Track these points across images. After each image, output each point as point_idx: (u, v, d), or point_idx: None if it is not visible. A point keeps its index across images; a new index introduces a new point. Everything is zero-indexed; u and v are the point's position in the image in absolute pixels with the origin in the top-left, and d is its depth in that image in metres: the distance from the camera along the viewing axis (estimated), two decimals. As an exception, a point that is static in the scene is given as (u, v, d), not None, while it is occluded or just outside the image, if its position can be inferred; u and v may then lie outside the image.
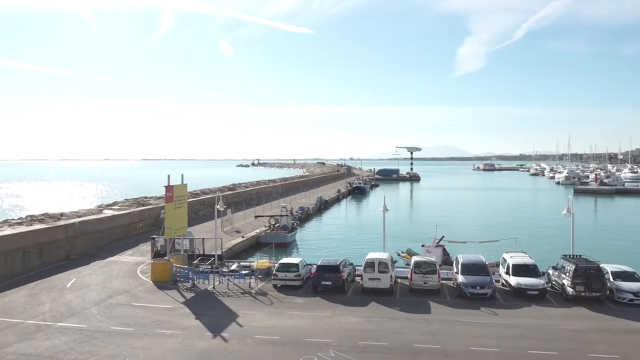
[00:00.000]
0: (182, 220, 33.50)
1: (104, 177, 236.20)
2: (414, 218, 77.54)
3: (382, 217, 34.15)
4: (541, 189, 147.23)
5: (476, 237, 47.01)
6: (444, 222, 63.04)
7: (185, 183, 34.48)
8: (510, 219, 73.21)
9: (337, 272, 28.47)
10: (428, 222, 64.67)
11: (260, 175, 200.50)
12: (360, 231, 60.59)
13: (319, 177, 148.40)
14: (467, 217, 76.68)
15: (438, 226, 39.01)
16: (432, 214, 78.52)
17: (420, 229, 59.47)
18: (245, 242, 46.87)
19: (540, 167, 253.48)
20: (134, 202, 60.82)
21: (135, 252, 39.73)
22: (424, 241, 38.82)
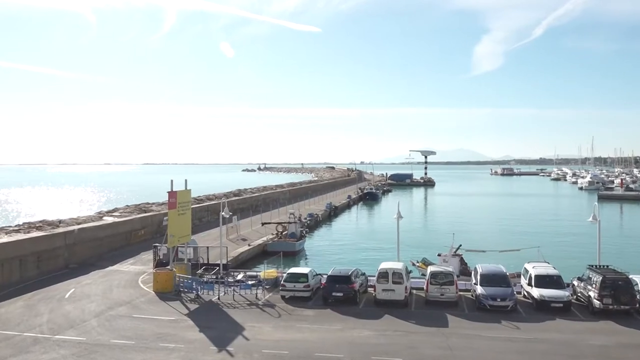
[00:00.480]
0: (185, 228, 33.50)
1: (104, 182, 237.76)
2: (429, 225, 77.16)
3: (395, 224, 33.97)
4: (563, 194, 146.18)
5: (495, 245, 46.64)
6: (461, 229, 62.68)
7: (189, 189, 34.50)
8: (532, 226, 72.65)
9: (349, 282, 28.30)
10: (444, 230, 64.29)
11: (266, 180, 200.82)
12: (372, 239, 60.37)
13: (328, 182, 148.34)
14: (486, 224, 76.19)
15: (455, 234, 38.72)
16: (448, 221, 78.12)
17: (436, 237, 59.13)
18: (252, 250, 46.81)
19: (562, 171, 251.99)
20: (136, 209, 61.05)
21: (136, 261, 39.78)
22: (440, 250, 38.57)
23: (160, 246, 35.91)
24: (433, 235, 62.84)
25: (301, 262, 46.93)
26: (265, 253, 47.43)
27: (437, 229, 70.32)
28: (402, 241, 34.27)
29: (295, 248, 49.47)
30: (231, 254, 41.71)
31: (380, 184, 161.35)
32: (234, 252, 43.65)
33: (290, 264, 42.04)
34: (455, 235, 38.44)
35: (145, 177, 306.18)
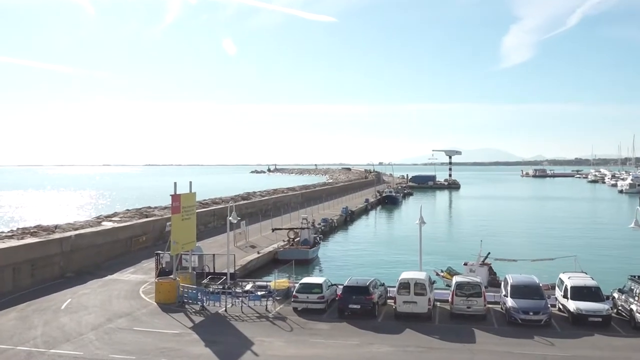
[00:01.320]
0: (190, 234, 33.63)
1: (103, 184, 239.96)
2: (454, 232, 76.76)
3: (417, 230, 33.78)
4: (602, 198, 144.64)
5: (527, 254, 46.23)
6: (490, 236, 62.30)
7: (194, 192, 34.63)
8: (567, 233, 71.97)
9: (367, 293, 28.22)
10: (471, 237, 63.92)
11: (277, 182, 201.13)
12: (392, 247, 60.21)
13: (344, 185, 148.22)
14: (516, 231, 75.62)
15: (483, 241, 38.45)
16: (475, 227, 77.67)
17: (462, 245, 58.81)
18: (261, 258, 46.88)
19: (600, 173, 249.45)
20: (137, 213, 61.45)
21: (137, 270, 40.01)
22: (467, 259, 38.32)
23: (162, 254, 36.07)
24: (459, 243, 62.52)
25: (315, 272, 46.88)
26: (276, 261, 47.43)
27: (463, 235, 69.94)
28: (424, 249, 34.08)
29: (308, 256, 49.46)
30: (239, 262, 41.80)
31: (401, 187, 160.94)
32: (242, 260, 43.73)
33: (303, 274, 41.97)
34: (483, 242, 38.17)
35: (147, 179, 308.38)
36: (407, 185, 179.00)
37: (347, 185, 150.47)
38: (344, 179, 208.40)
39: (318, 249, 53.18)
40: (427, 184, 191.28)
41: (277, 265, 44.15)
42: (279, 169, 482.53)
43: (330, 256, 54.35)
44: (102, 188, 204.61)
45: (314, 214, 75.76)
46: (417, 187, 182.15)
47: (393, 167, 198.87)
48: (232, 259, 36.52)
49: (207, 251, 41.29)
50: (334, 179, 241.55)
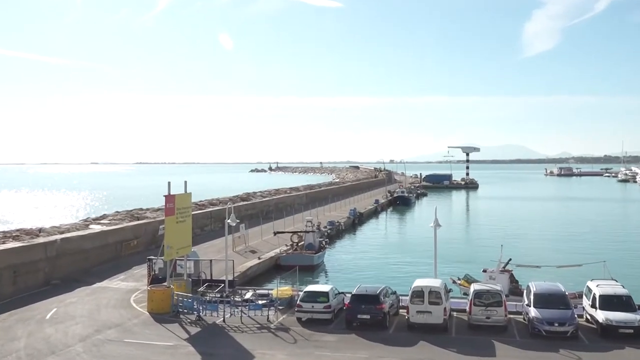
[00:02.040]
0: (185, 238, 33.69)
1: (90, 184, 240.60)
2: (472, 236, 76.62)
3: (432, 234, 33.74)
4: (633, 199, 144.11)
5: (552, 260, 46.12)
6: (511, 240, 62.10)
7: (189, 192, 34.69)
8: (596, 237, 71.73)
9: (377, 302, 28.22)
10: (490, 241, 63.82)
11: (279, 181, 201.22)
12: (405, 252, 60.17)
13: (352, 185, 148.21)
14: (540, 234, 75.42)
15: (503, 246, 38.30)
16: (495, 230, 77.50)
17: (481, 250, 58.70)
18: (262, 264, 46.95)
19: (632, 171, 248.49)
20: (127, 215, 61.66)
21: (128, 277, 40.12)
22: (486, 265, 38.23)
23: (155, 259, 36.15)
24: (477, 248, 62.39)
25: (320, 279, 46.91)
26: (278, 267, 47.51)
27: (481, 239, 69.81)
28: (440, 254, 34.03)
29: (313, 262, 49.48)
30: (238, 268, 41.86)
31: (414, 187, 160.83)
32: (242, 266, 43.80)
33: (308, 281, 41.97)
34: (503, 247, 38.05)
35: (138, 179, 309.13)
36: (421, 185, 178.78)
37: (355, 185, 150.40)
38: (352, 178, 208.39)
39: (324, 254, 53.19)
40: (442, 183, 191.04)
41: (279, 272, 44.16)
42: (281, 168, 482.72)
43: (337, 262, 54.34)
44: (90, 188, 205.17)
45: (319, 216, 75.74)
46: (431, 187, 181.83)
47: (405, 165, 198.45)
48: (230, 265, 36.55)
49: (204, 256, 41.35)
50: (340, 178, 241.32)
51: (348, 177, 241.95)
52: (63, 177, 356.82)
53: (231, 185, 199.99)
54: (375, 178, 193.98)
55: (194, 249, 39.10)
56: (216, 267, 38.19)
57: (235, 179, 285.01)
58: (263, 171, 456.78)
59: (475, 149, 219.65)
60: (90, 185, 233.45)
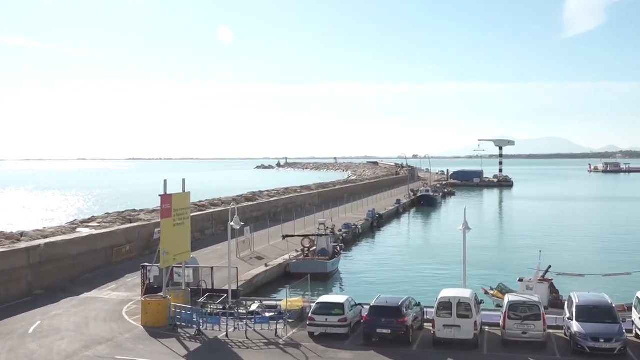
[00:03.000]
0: (183, 243, 33.74)
1: (78, 182, 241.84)
2: (506, 240, 76.31)
3: (461, 238, 33.61)
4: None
5: (597, 267, 45.83)
6: (551, 246, 61.82)
7: (188, 191, 34.73)
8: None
9: (399, 315, 28.16)
10: (527, 246, 63.45)
11: (289, 179, 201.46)
12: (430, 258, 60.02)
13: (370, 183, 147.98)
14: (584, 239, 74.95)
15: (542, 252, 38.08)
16: (532, 234, 77.11)
17: (516, 256, 58.51)
18: (270, 272, 46.99)
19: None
20: (119, 218, 61.91)
21: (120, 286, 40.27)
22: (522, 273, 38.04)
23: (150, 267, 36.21)
24: (512, 254, 62.18)
25: (335, 288, 46.92)
26: (288, 276, 47.59)
27: (517, 244, 69.50)
28: (470, 261, 33.90)
29: (326, 269, 49.44)
30: (243, 276, 41.88)
31: (440, 185, 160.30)
32: (247, 274, 43.84)
33: (321, 291, 41.97)
34: (542, 253, 37.83)
35: (131, 176, 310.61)
36: (448, 183, 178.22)
37: (373, 183, 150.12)
38: (370, 176, 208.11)
39: (339, 260, 53.13)
40: (472, 181, 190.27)
41: (288, 281, 44.18)
42: (291, 164, 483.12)
43: (353, 269, 54.30)
44: (77, 187, 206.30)
45: (333, 218, 75.66)
46: (460, 185, 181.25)
47: (430, 160, 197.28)
48: (234, 272, 36.58)
49: (204, 263, 41.40)
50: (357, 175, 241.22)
51: (366, 174, 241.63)
52: (47, 174, 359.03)
53: (235, 183, 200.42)
54: (397, 175, 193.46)
55: (194, 255, 39.16)
56: (218, 276, 38.23)
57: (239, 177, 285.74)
58: (270, 168, 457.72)
59: (509, 142, 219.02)
60: (78, 183, 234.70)
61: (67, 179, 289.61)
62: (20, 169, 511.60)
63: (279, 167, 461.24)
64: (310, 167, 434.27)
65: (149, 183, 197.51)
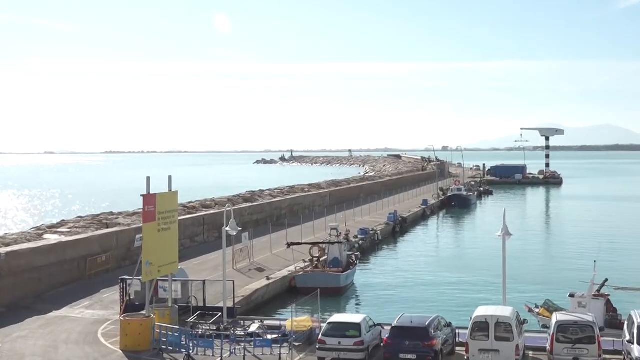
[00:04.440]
0: (169, 252, 33.77)
1: (45, 180, 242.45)
2: (554, 248, 75.99)
3: (500, 246, 33.52)
4: None
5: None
6: (608, 256, 61.30)
7: (175, 190, 34.76)
8: None
9: (426, 338, 28.16)
10: (579, 256, 63.35)
11: (295, 176, 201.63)
12: (463, 269, 59.85)
13: (391, 180, 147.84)
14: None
15: (597, 262, 37.94)
16: (585, 242, 76.65)
17: (567, 267, 58.41)
18: (272, 286, 47.00)
19: None
20: (93, 222, 62.03)
21: (95, 303, 40.35)
22: (573, 287, 37.91)
23: (130, 280, 36.30)
24: (561, 264, 61.98)
25: (350, 306, 46.96)
26: (294, 291, 47.65)
27: (567, 253, 69.26)
28: (511, 273, 33.84)
29: (339, 283, 49.41)
30: (240, 291, 41.94)
31: (475, 182, 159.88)
32: (245, 289, 43.87)
33: (333, 308, 41.90)
34: (597, 264, 37.68)
35: (108, 173, 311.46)
36: (484, 180, 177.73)
37: (395, 180, 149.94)
38: (391, 172, 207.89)
39: (354, 272, 53.08)
40: (513, 177, 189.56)
41: (294, 297, 44.21)
42: (297, 158, 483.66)
43: (372, 283, 54.23)
44: (44, 185, 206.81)
45: (347, 222, 75.58)
46: (498, 183, 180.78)
47: (463, 153, 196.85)
48: (230, 287, 36.63)
49: (195, 276, 41.47)
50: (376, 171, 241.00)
51: (386, 169, 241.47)
52: (8, 170, 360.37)
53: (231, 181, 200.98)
54: (423, 171, 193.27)
55: (182, 266, 39.23)
56: (211, 291, 38.23)
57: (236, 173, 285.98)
58: (273, 162, 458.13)
59: (557, 131, 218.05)
60: (45, 181, 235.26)
61: (32, 175, 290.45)
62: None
63: (282, 161, 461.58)
64: (320, 161, 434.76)
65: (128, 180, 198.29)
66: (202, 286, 37.27)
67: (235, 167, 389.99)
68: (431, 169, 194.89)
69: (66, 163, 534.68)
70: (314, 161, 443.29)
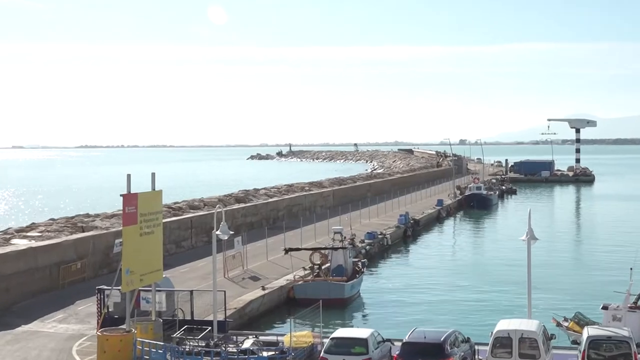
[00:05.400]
0: (153, 258, 33.76)
1: (12, 178, 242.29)
2: (585, 254, 75.90)
3: (524, 251, 33.49)
4: None
5: None
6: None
7: (160, 189, 34.74)
8: None
9: (441, 354, 28.19)
10: (613, 263, 63.33)
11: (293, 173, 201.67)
12: (483, 278, 59.83)
13: (402, 178, 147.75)
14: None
15: (633, 269, 37.94)
16: (620, 246, 76.60)
17: (599, 276, 58.47)
18: (269, 297, 46.99)
19: None
20: (67, 225, 61.97)
21: (69, 316, 40.32)
22: (607, 298, 37.93)
23: (109, 290, 36.30)
24: (593, 272, 61.97)
25: (355, 319, 46.94)
26: (292, 302, 47.72)
27: (600, 260, 69.18)
28: (536, 282, 33.81)
29: (344, 293, 49.35)
30: (232, 303, 41.92)
31: (496, 180, 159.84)
32: (238, 300, 43.87)
33: (337, 322, 41.89)
34: (633, 271, 37.69)
35: (84, 170, 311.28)
36: (507, 178, 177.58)
37: (407, 177, 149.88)
38: (402, 168, 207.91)
39: (360, 281, 53.07)
40: (539, 175, 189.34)
41: (293, 309, 44.20)
42: (296, 153, 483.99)
43: (380, 293, 54.21)
44: (12, 183, 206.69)
45: (353, 226, 75.56)
46: (522, 181, 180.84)
47: (483, 147, 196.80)
48: (221, 298, 36.62)
49: (181, 286, 41.46)
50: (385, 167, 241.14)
51: (396, 165, 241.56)
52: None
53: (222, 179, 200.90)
54: (438, 167, 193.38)
55: (167, 274, 39.22)
56: (200, 302, 38.23)
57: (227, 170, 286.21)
58: (269, 158, 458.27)
59: (589, 122, 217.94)
60: (12, 179, 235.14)
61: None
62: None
63: (280, 157, 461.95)
64: (323, 156, 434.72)
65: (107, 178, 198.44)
66: (189, 297, 37.27)
67: (227, 163, 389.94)
68: (447, 165, 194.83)
69: (36, 159, 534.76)
70: (315, 156, 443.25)
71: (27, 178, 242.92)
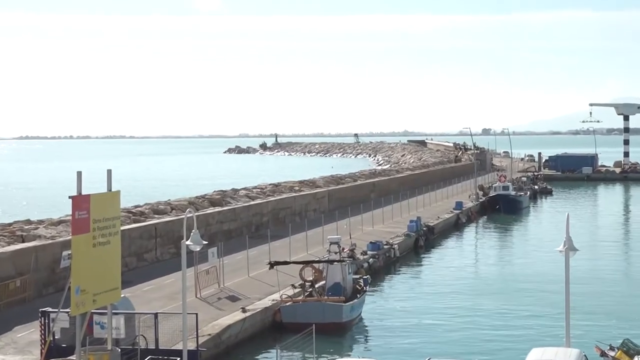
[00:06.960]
0: (109, 274, 33.76)
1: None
2: (634, 269, 76.08)
3: (561, 265, 33.61)
4: None
5: None
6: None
7: (117, 189, 34.71)
8: None
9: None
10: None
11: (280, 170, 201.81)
12: (511, 297, 59.97)
13: (413, 175, 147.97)
14: None
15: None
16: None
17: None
18: (251, 321, 46.98)
19: None
20: (4, 233, 61.95)
21: (6, 345, 40.34)
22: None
23: (55, 314, 36.30)
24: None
25: (356, 348, 47.03)
26: (279, 327, 47.79)
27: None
28: (575, 302, 33.90)
29: (341, 316, 49.42)
30: (206, 328, 41.97)
31: (527, 178, 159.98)
32: (213, 324, 43.88)
33: (333, 350, 41.98)
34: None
35: (24, 165, 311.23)
36: (540, 175, 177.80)
37: (418, 175, 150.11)
38: (413, 163, 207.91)
39: (361, 302, 53.16)
40: (579, 171, 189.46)
41: (280, 335, 44.31)
42: (284, 145, 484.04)
43: (385, 317, 54.25)
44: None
45: (353, 234, 75.69)
46: (560, 179, 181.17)
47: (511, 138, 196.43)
48: (192, 322, 36.66)
49: (144, 307, 41.50)
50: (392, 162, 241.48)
51: (406, 160, 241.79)
52: None
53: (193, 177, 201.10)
54: (457, 163, 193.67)
55: (126, 293, 39.25)
56: (166, 327, 38.28)
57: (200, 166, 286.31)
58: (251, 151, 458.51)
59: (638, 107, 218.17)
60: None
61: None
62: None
63: (265, 150, 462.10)
64: (315, 150, 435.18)
65: (52, 176, 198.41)
66: (153, 321, 37.33)
67: (200, 157, 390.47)
68: (467, 159, 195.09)
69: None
70: (306, 149, 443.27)
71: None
